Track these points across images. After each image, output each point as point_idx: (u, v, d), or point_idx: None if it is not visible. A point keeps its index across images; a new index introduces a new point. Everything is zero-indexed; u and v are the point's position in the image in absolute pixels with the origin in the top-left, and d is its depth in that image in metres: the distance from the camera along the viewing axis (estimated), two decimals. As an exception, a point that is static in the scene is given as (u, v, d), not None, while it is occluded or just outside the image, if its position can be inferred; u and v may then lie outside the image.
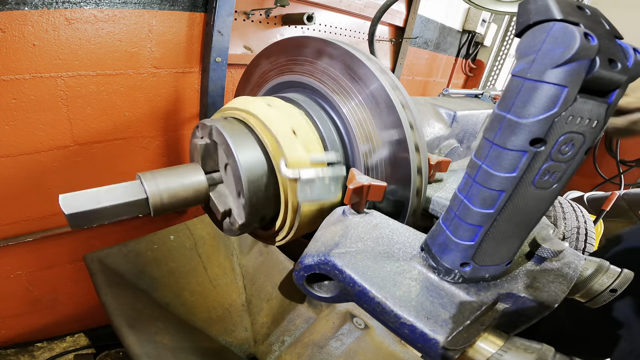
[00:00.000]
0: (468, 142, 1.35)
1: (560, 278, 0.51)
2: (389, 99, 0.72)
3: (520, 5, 0.37)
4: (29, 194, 1.31)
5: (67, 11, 1.15)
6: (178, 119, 1.59)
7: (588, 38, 0.32)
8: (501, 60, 3.90)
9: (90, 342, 1.67)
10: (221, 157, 0.74)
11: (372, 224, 0.60)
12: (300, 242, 0.94)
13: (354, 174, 0.67)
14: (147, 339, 0.97)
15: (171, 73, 1.48)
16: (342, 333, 1.13)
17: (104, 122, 1.37)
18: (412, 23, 2.58)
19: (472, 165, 0.43)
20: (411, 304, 0.46)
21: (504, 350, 0.43)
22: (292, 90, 0.90)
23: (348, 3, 2.05)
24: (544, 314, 0.49)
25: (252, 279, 1.38)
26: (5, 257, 1.35)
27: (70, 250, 1.50)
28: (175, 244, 1.33)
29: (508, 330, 0.46)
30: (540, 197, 0.40)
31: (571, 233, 2.10)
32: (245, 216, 0.72)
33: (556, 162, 0.38)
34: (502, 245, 0.45)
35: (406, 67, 2.88)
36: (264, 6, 1.65)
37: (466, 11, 3.35)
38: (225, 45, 1.48)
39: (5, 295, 1.42)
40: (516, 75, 0.37)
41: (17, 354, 1.51)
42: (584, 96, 0.34)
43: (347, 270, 0.50)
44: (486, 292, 0.47)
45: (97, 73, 1.29)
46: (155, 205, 0.67)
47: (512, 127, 0.37)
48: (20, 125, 1.19)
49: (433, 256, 0.49)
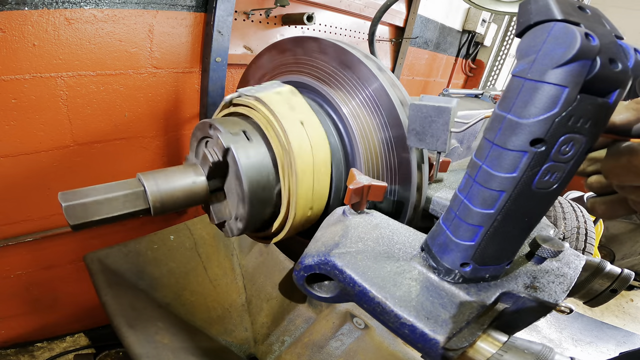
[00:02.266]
0: (468, 142, 1.35)
1: (560, 278, 0.51)
2: (387, 97, 0.72)
3: (521, 6, 0.37)
4: (29, 194, 1.31)
5: (67, 11, 1.15)
6: (178, 119, 1.59)
7: (589, 38, 0.32)
8: (501, 60, 3.90)
9: (90, 342, 1.67)
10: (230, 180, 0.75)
11: (373, 224, 0.60)
12: (300, 242, 0.94)
13: (354, 174, 0.67)
14: (147, 339, 0.97)
15: (171, 73, 1.48)
16: (342, 333, 1.13)
17: (104, 122, 1.37)
18: (412, 23, 2.58)
19: (472, 166, 0.43)
20: (411, 304, 0.45)
21: (504, 351, 0.43)
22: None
23: (348, 3, 2.05)
24: (544, 314, 0.49)
25: (252, 279, 1.38)
26: (5, 257, 1.35)
27: (70, 250, 1.50)
28: (175, 244, 1.33)
29: (508, 331, 0.46)
30: (540, 198, 0.40)
31: (571, 233, 2.10)
32: (244, 224, 0.73)
33: (556, 162, 0.38)
34: (502, 245, 0.45)
35: (406, 67, 2.88)
36: (264, 6, 1.65)
37: (466, 11, 3.35)
38: (225, 45, 1.48)
39: (5, 295, 1.42)
40: (517, 75, 0.37)
41: (17, 354, 1.51)
42: (584, 96, 0.34)
43: (347, 270, 0.50)
44: (486, 292, 0.47)
45: (97, 73, 1.29)
46: (155, 205, 0.67)
47: (513, 127, 0.37)
48: (20, 125, 1.19)
49: (433, 256, 0.49)
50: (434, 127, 0.63)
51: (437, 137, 0.64)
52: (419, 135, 0.65)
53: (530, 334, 1.43)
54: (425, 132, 0.65)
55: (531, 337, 1.31)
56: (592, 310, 2.55)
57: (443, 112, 0.62)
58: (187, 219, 1.41)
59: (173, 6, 1.38)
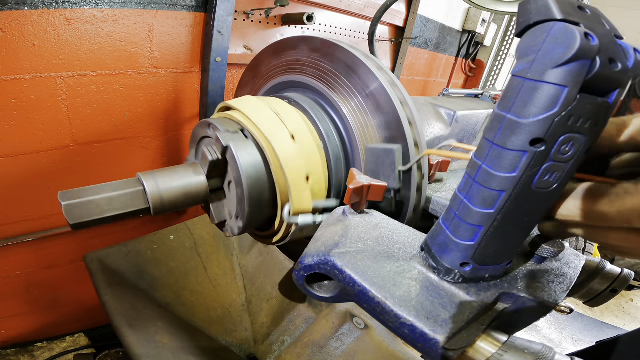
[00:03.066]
0: (468, 142, 1.35)
1: (560, 278, 0.51)
2: (387, 97, 0.72)
3: (521, 5, 0.37)
4: (29, 194, 1.31)
5: (67, 11, 1.15)
6: (178, 119, 1.59)
7: (588, 38, 0.32)
8: (501, 60, 3.90)
9: (90, 342, 1.67)
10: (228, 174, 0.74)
11: (372, 224, 0.60)
12: (300, 242, 0.94)
13: (354, 174, 0.67)
14: (147, 339, 0.97)
15: (171, 73, 1.48)
16: (342, 333, 1.13)
17: (104, 122, 1.37)
18: (412, 23, 2.58)
19: (472, 166, 0.43)
20: (411, 304, 0.46)
21: (504, 351, 0.43)
22: (292, 90, 0.90)
23: (348, 3, 2.05)
24: (544, 314, 0.49)
25: (252, 279, 1.38)
26: (5, 257, 1.35)
27: (70, 250, 1.50)
28: (175, 244, 1.33)
29: (508, 330, 0.46)
30: (540, 197, 0.40)
31: (571, 233, 2.09)
32: (244, 223, 0.73)
33: (556, 162, 0.38)
34: (502, 245, 0.45)
35: (406, 67, 2.88)
36: (264, 6, 1.65)
37: (466, 11, 3.35)
38: (225, 45, 1.48)
39: (5, 295, 1.42)
40: (516, 75, 0.37)
41: (17, 354, 1.51)
42: (584, 96, 0.34)
43: (347, 270, 0.50)
44: (486, 292, 0.47)
45: (97, 73, 1.29)
46: (155, 205, 0.67)
47: (513, 127, 0.37)
48: (20, 125, 1.19)
49: (433, 256, 0.49)
50: (385, 167, 0.71)
51: (387, 176, 0.71)
52: (375, 175, 0.73)
53: (530, 334, 1.43)
54: (379, 172, 0.72)
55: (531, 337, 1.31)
56: (592, 310, 2.55)
57: (390, 154, 0.70)
58: (187, 219, 1.41)
59: (173, 6, 1.38)
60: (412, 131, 0.72)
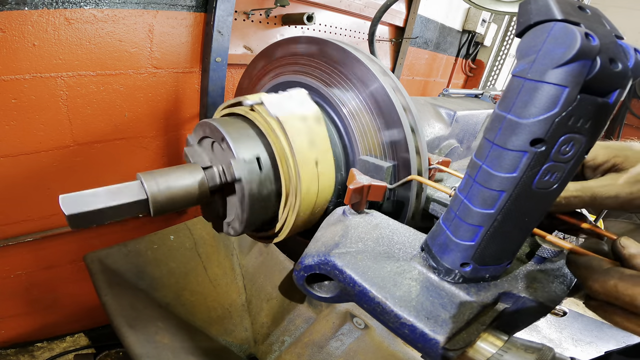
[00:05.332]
0: (468, 142, 1.35)
1: (560, 278, 0.51)
2: (390, 102, 0.72)
3: (521, 5, 0.37)
4: (29, 194, 1.31)
5: (67, 11, 1.15)
6: (178, 119, 1.59)
7: (589, 38, 0.32)
8: (501, 60, 3.89)
9: (90, 342, 1.67)
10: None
11: (373, 224, 0.60)
12: (300, 242, 0.94)
13: (354, 174, 0.67)
14: (147, 339, 0.97)
15: (171, 73, 1.48)
16: (342, 333, 1.13)
17: (104, 122, 1.37)
18: (412, 23, 2.58)
19: (472, 166, 0.43)
20: (411, 304, 0.45)
21: (504, 351, 0.43)
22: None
23: (348, 3, 2.05)
24: (544, 314, 0.49)
25: (252, 279, 1.38)
26: (5, 257, 1.35)
27: (70, 250, 1.50)
28: (175, 244, 1.33)
29: (508, 330, 0.46)
30: (540, 198, 0.40)
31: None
32: (244, 225, 0.73)
33: (557, 162, 0.38)
34: (502, 245, 0.45)
35: (406, 67, 2.88)
36: (264, 6, 1.65)
37: (466, 11, 3.34)
38: (225, 45, 1.48)
39: (5, 295, 1.42)
40: (517, 75, 0.37)
41: (17, 354, 1.51)
42: (584, 96, 0.34)
43: (347, 270, 0.50)
44: (486, 292, 0.47)
45: (97, 73, 1.29)
46: (155, 205, 0.67)
47: (513, 127, 0.37)
48: (20, 125, 1.19)
49: (433, 256, 0.49)
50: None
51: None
52: None
53: (530, 334, 1.43)
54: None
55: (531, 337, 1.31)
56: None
57: (379, 170, 0.72)
58: (187, 219, 1.41)
59: (173, 6, 1.38)
60: (415, 138, 0.73)
